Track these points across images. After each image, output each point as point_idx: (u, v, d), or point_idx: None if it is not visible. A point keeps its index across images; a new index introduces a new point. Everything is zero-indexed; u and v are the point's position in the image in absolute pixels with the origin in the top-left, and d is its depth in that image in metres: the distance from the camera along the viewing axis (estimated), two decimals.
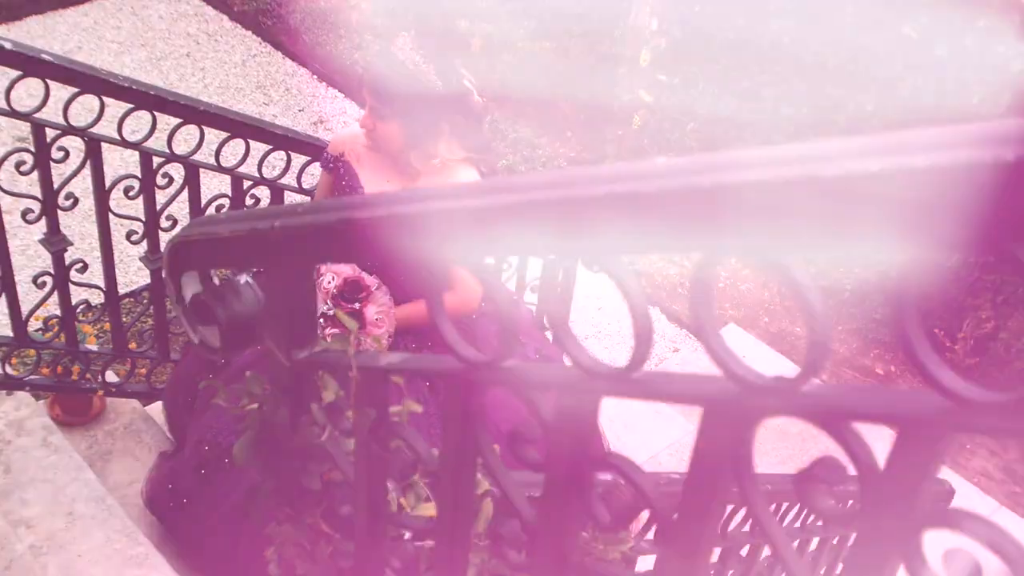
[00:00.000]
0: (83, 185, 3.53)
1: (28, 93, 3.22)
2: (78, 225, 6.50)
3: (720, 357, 0.93)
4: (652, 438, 6.10)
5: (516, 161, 8.65)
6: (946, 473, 6.39)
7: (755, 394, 0.91)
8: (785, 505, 3.07)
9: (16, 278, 3.60)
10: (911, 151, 0.72)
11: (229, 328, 1.60)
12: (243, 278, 1.61)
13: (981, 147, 0.68)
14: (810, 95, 7.87)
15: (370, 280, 3.26)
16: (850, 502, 3.70)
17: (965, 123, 0.72)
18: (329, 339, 3.12)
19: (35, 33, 9.68)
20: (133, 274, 6.09)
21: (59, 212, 3.49)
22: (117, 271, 3.81)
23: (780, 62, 8.03)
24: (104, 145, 3.45)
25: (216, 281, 1.69)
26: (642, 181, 0.89)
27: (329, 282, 3.19)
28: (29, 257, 6.03)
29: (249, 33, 10.25)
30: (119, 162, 5.92)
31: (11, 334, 3.70)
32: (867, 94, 7.47)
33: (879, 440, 0.76)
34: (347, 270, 3.22)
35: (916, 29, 7.04)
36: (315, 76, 9.78)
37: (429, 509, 1.57)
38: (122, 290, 4.52)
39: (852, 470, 0.88)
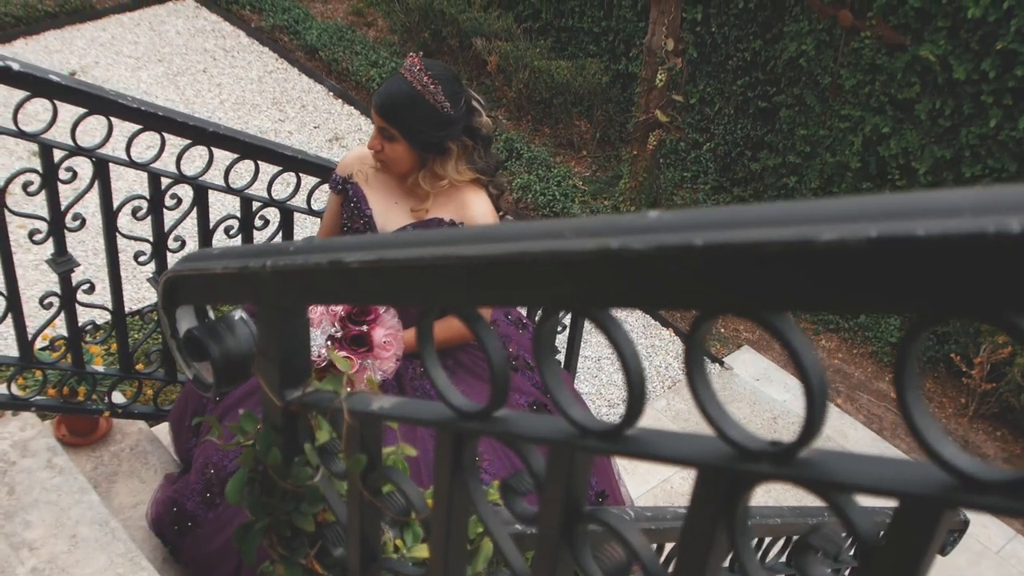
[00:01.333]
0: (91, 203, 3.51)
1: (38, 116, 3.21)
2: (92, 241, 6.49)
3: (715, 420, 0.89)
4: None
5: (531, 180, 8.62)
6: None
7: (750, 459, 0.88)
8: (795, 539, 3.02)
9: (23, 297, 3.58)
10: (911, 216, 0.68)
11: (222, 365, 1.57)
12: (238, 314, 1.58)
13: (984, 215, 0.64)
14: (825, 116, 7.82)
15: None
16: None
17: (965, 188, 0.69)
18: (335, 363, 3.09)
19: (53, 47, 9.71)
20: (145, 291, 6.09)
21: (67, 232, 3.46)
22: (125, 288, 3.79)
23: (796, 83, 7.98)
24: (112, 165, 3.43)
25: (211, 315, 1.66)
26: (633, 236, 0.85)
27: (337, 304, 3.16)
28: (34, 279, 6.03)
29: (266, 49, 10.26)
30: (132, 182, 5.91)
31: (17, 354, 3.68)
32: (883, 116, 7.42)
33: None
34: None
35: (933, 52, 7.00)
36: (331, 93, 9.79)
37: (425, 551, 1.54)
38: (130, 308, 4.48)
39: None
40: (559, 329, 5.39)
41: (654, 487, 6.33)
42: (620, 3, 9.10)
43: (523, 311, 3.90)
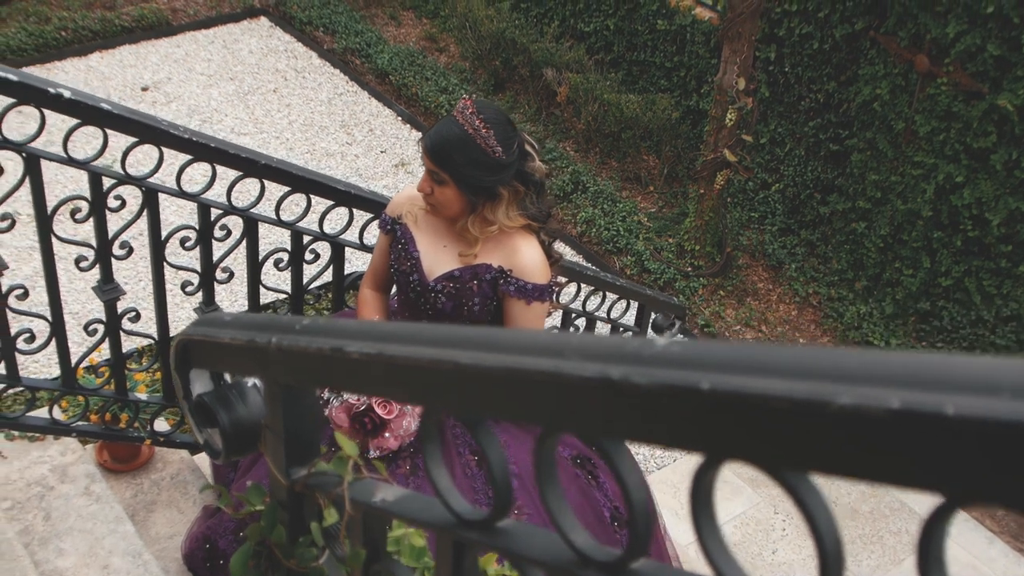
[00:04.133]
0: (135, 230, 3.48)
1: (89, 144, 3.18)
2: (136, 267, 6.51)
3: (718, 567, 0.80)
4: (717, 509, 5.90)
5: (595, 214, 8.54)
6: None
7: None
8: None
9: (66, 323, 3.55)
10: (941, 387, 0.59)
11: (231, 434, 1.50)
12: (251, 381, 1.52)
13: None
14: (898, 162, 7.67)
15: None
16: None
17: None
18: (340, 443, 3.04)
19: (127, 62, 9.80)
20: (189, 319, 6.07)
21: (113, 260, 3.44)
22: (170, 316, 3.76)
23: (869, 127, 7.83)
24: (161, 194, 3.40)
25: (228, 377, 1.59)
26: (636, 368, 0.76)
27: None
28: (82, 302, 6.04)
29: (336, 71, 10.29)
30: (180, 211, 5.91)
31: (60, 379, 3.65)
32: (957, 164, 7.25)
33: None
34: None
35: (1011, 102, 6.83)
36: (399, 118, 9.78)
37: None
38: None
39: None
40: None
41: None
42: (693, 39, 9.00)
43: None
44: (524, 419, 0.96)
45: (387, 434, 3.08)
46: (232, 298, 6.86)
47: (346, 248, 3.94)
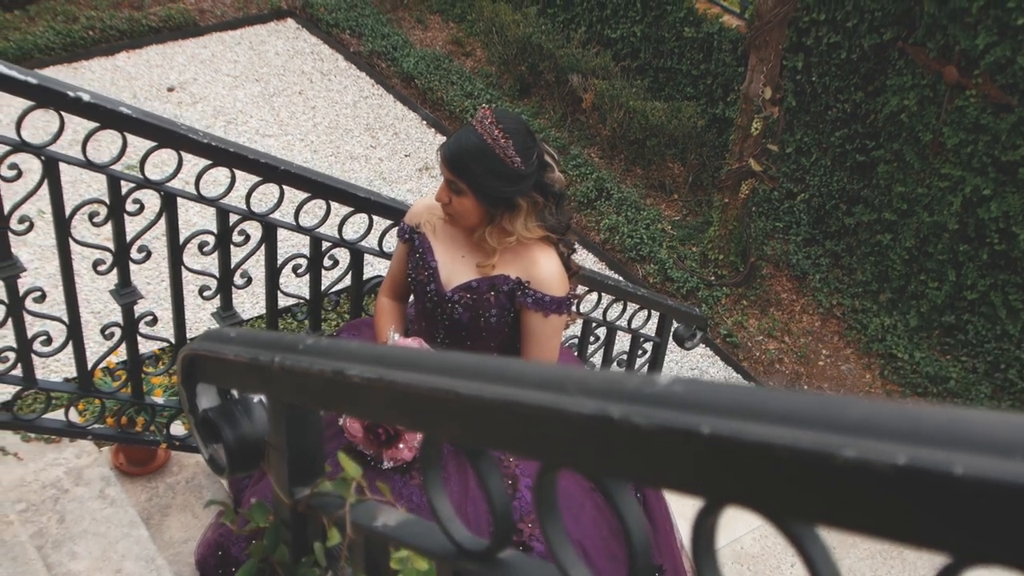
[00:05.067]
0: (152, 234, 3.47)
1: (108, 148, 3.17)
2: (154, 270, 6.51)
3: None
4: (735, 520, 5.88)
5: (619, 221, 8.51)
6: None
7: None
8: None
9: (88, 322, 3.55)
10: (950, 445, 0.56)
11: (235, 450, 1.48)
12: (257, 397, 1.50)
13: None
14: (925, 174, 7.61)
15: None
16: None
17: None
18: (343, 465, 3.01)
19: (154, 62, 9.82)
20: (208, 323, 6.06)
21: (131, 263, 3.43)
22: (191, 320, 3.75)
23: (897, 138, 7.78)
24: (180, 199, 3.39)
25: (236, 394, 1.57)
26: (637, 407, 0.74)
27: None
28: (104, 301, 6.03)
29: (362, 74, 10.29)
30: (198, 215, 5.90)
31: (76, 382, 3.65)
32: (984, 177, 7.18)
33: None
34: (414, 345, 3.11)
35: None
36: (424, 121, 9.77)
37: None
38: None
39: None
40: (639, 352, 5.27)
41: (723, 547, 6.15)
42: (720, 47, 8.96)
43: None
44: (524, 453, 0.94)
45: (401, 445, 3.05)
46: (254, 300, 6.86)
47: (365, 255, 3.92)
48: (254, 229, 3.58)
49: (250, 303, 6.76)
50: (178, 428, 4.04)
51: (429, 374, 0.96)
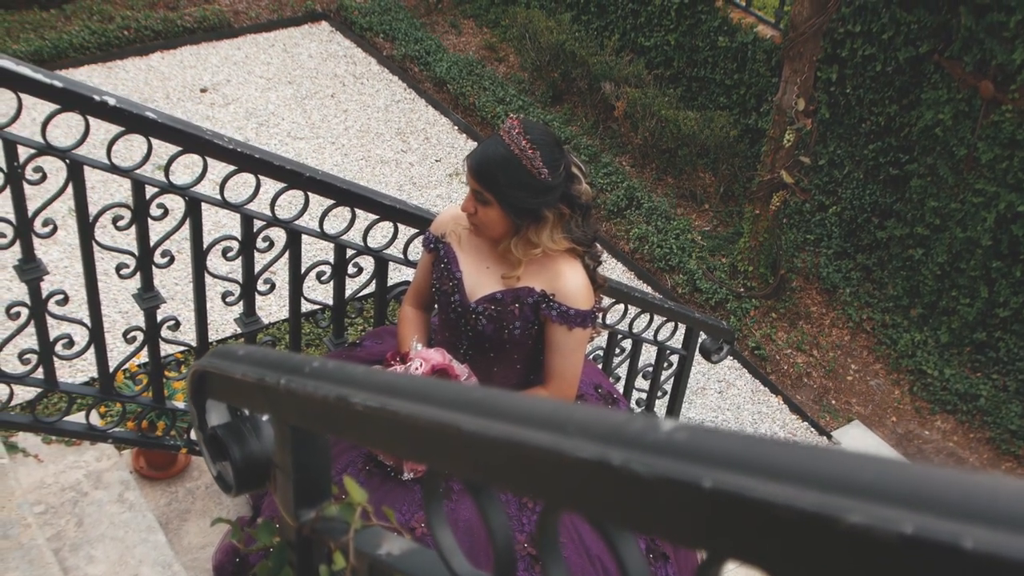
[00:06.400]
0: (179, 237, 3.46)
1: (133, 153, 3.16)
2: (176, 273, 6.51)
3: None
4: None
5: (649, 231, 8.47)
6: None
7: None
8: None
9: (113, 323, 3.54)
10: (961, 516, 0.53)
11: (243, 468, 1.46)
12: (267, 415, 1.47)
13: None
14: (958, 189, 7.53)
15: (460, 369, 3.12)
16: None
17: None
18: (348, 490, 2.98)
19: (187, 63, 9.85)
20: (231, 328, 6.06)
21: (154, 268, 3.42)
22: (216, 323, 3.74)
23: (931, 153, 7.70)
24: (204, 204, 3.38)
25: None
26: (637, 455, 0.71)
27: (416, 369, 3.05)
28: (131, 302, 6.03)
29: (395, 78, 10.28)
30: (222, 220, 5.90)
31: (98, 385, 3.64)
32: (1019, 193, 7.10)
33: None
34: (436, 356, 3.09)
35: None
36: (456, 127, 9.76)
37: None
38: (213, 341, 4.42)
39: None
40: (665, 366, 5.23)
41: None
42: (754, 57, 8.90)
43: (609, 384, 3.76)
44: (527, 493, 0.91)
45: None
46: (280, 302, 6.85)
47: (390, 263, 3.90)
48: (278, 235, 3.56)
49: (277, 306, 6.75)
50: None
51: (432, 406, 0.93)
